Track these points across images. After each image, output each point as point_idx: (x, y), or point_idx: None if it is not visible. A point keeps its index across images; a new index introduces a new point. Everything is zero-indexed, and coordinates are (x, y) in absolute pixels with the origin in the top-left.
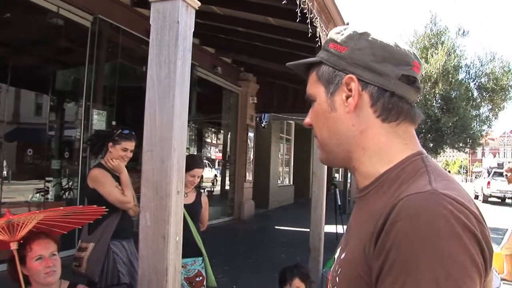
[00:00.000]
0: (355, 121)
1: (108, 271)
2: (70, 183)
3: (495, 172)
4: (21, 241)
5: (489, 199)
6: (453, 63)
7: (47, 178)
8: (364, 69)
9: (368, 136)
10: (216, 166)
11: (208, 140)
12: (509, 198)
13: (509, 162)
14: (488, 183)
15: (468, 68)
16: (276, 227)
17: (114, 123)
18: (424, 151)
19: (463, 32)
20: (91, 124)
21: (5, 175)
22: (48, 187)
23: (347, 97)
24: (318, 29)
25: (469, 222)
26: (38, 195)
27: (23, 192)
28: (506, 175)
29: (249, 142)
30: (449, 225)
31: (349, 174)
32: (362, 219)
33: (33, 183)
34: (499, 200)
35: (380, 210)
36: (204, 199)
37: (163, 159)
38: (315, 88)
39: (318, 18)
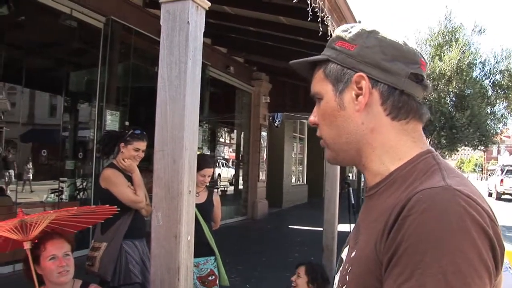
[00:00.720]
0: (364, 119)
1: (120, 270)
2: (84, 183)
3: (508, 170)
4: (36, 241)
5: (502, 196)
6: (468, 61)
7: (61, 179)
8: (374, 67)
9: (378, 134)
10: (230, 166)
11: (222, 139)
12: None
13: None
14: (501, 180)
15: (483, 65)
16: (289, 226)
17: (127, 123)
18: (433, 149)
19: (480, 29)
20: (104, 125)
21: (24, 175)
22: (62, 188)
23: (357, 95)
24: (329, 28)
25: (482, 219)
26: (52, 195)
27: (38, 193)
28: None
29: (262, 142)
30: (461, 221)
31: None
32: (372, 217)
33: (48, 183)
34: None
35: (392, 206)
36: (216, 198)
37: (175, 158)
38: (322, 86)
39: (330, 16)
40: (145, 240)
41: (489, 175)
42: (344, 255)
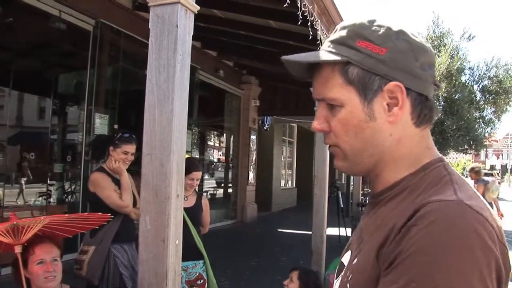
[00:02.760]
0: (393, 129)
1: (109, 274)
2: (73, 187)
3: (485, 173)
4: (25, 244)
5: None
6: (457, 66)
7: (49, 182)
8: (408, 74)
9: (403, 145)
10: (219, 169)
11: (211, 143)
12: None
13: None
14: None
15: (472, 70)
16: (278, 230)
17: (116, 126)
18: (443, 157)
19: (469, 36)
20: (93, 128)
21: (12, 178)
22: (50, 191)
23: (389, 105)
24: (319, 32)
25: (490, 238)
26: (40, 198)
27: (25, 196)
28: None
29: (251, 145)
30: (467, 238)
31: (351, 178)
32: (376, 224)
33: (36, 186)
34: None
35: (399, 215)
36: (205, 202)
37: (163, 162)
38: (342, 92)
39: (319, 21)
40: (134, 244)
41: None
42: (345, 260)
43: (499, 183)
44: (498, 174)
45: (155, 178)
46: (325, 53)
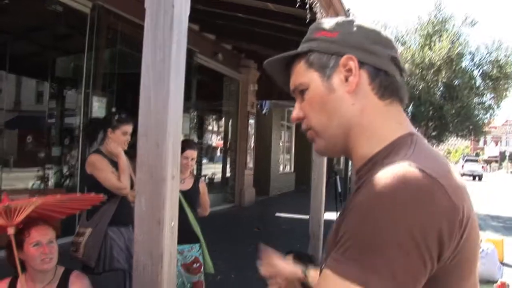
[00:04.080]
0: (354, 99)
1: (105, 257)
2: (70, 170)
3: (467, 159)
4: (20, 226)
5: (463, 176)
6: (457, 51)
7: (47, 165)
8: (358, 49)
9: (367, 114)
10: (217, 154)
11: (209, 127)
12: (476, 175)
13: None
14: (462, 166)
15: (473, 55)
16: (276, 214)
17: (114, 109)
18: (418, 133)
19: (472, 21)
20: (91, 111)
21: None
22: (48, 174)
23: (346, 78)
24: (317, 15)
25: (431, 198)
26: (38, 182)
27: (23, 180)
28: None
29: (250, 129)
30: (400, 195)
31: (349, 162)
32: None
33: (34, 170)
34: (471, 179)
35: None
36: (202, 185)
37: (158, 143)
38: (306, 76)
39: (318, 3)
40: (131, 227)
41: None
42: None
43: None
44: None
45: (151, 159)
46: (295, 50)
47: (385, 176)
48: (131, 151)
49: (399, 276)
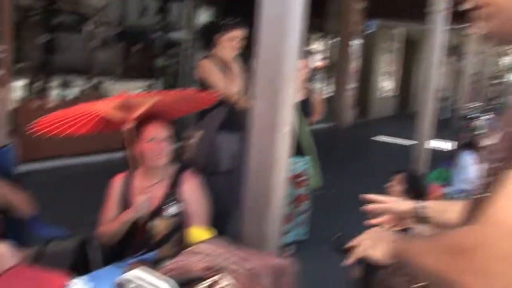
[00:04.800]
0: None
1: (213, 159)
2: (173, 81)
3: None
4: (138, 121)
5: None
6: None
7: (151, 77)
8: None
9: None
10: (319, 73)
11: (312, 46)
12: None
13: None
14: None
15: None
16: (376, 137)
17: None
18: None
19: None
20: (197, 23)
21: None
22: (152, 85)
23: None
24: None
25: None
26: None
27: (130, 91)
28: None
29: (353, 50)
30: None
31: (460, 89)
32: None
33: (139, 81)
34: None
35: None
36: (315, 96)
37: (278, 51)
38: None
39: None
40: (240, 134)
41: None
42: None
43: None
44: None
45: (269, 66)
46: None
47: None
48: (243, 57)
49: None
